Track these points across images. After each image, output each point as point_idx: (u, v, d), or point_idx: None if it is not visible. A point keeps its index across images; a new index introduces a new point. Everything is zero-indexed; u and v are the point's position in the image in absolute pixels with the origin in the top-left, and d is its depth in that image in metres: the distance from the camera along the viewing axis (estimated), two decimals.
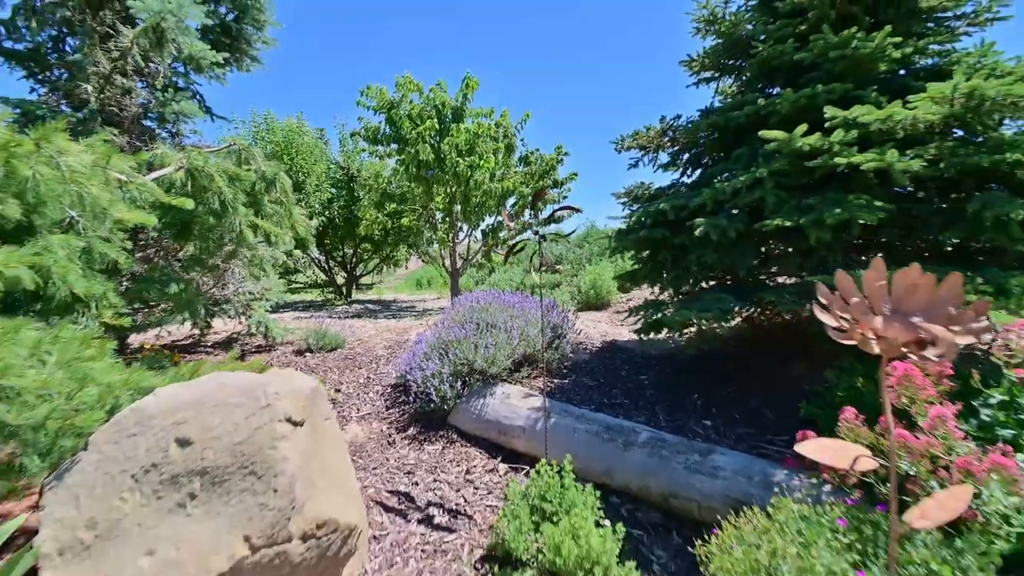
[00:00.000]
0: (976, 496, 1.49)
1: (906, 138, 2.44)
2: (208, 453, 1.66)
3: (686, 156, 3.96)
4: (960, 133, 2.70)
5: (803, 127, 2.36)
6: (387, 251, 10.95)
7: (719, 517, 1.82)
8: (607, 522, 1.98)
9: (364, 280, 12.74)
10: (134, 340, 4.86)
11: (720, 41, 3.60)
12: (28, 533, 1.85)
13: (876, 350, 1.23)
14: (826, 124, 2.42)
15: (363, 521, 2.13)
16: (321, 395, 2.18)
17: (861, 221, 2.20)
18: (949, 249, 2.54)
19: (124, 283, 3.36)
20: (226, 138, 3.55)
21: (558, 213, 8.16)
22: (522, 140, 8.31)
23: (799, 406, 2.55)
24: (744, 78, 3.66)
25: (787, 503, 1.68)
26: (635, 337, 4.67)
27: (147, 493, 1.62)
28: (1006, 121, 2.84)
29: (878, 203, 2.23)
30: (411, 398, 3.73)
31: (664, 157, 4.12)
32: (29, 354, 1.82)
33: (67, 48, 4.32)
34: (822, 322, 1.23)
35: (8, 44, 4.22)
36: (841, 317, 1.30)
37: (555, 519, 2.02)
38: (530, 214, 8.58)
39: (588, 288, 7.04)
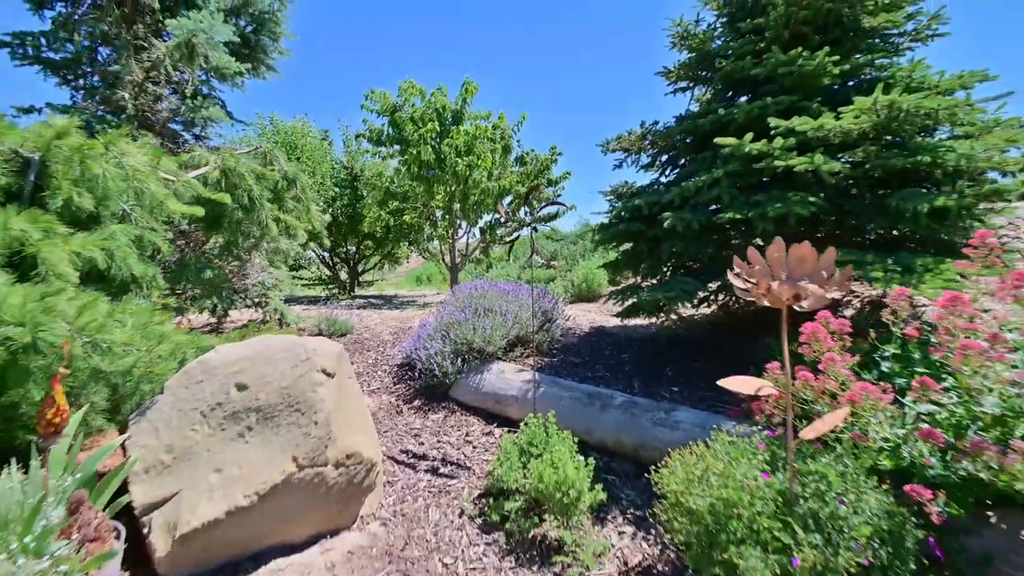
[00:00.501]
0: (860, 420, 1.92)
1: (841, 143, 2.87)
2: (261, 395, 2.08)
3: (664, 157, 4.39)
4: (896, 138, 3.14)
5: (750, 135, 2.79)
6: (389, 248, 11.36)
7: None
8: (581, 458, 2.40)
9: (366, 277, 13.14)
10: None
11: (692, 55, 4.04)
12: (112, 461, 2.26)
13: (766, 302, 1.67)
14: (771, 132, 2.85)
15: (380, 462, 2.55)
16: (345, 358, 2.60)
17: (797, 213, 2.63)
18: (873, 237, 2.97)
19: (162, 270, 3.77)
20: (251, 140, 3.94)
21: (547, 210, 8.54)
22: (518, 141, 8.73)
23: (750, 371, 2.97)
24: (714, 88, 4.10)
25: (722, 436, 2.11)
26: (620, 323, 5.11)
27: (213, 426, 2.04)
28: (944, 127, 3.29)
29: (811, 199, 2.67)
30: (416, 374, 4.15)
31: (645, 159, 4.54)
32: (106, 319, 2.24)
33: (99, 58, 4.73)
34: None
35: (47, 54, 4.63)
36: (748, 280, 1.74)
37: (539, 457, 2.44)
38: (525, 211, 9.00)
39: (580, 281, 7.46)
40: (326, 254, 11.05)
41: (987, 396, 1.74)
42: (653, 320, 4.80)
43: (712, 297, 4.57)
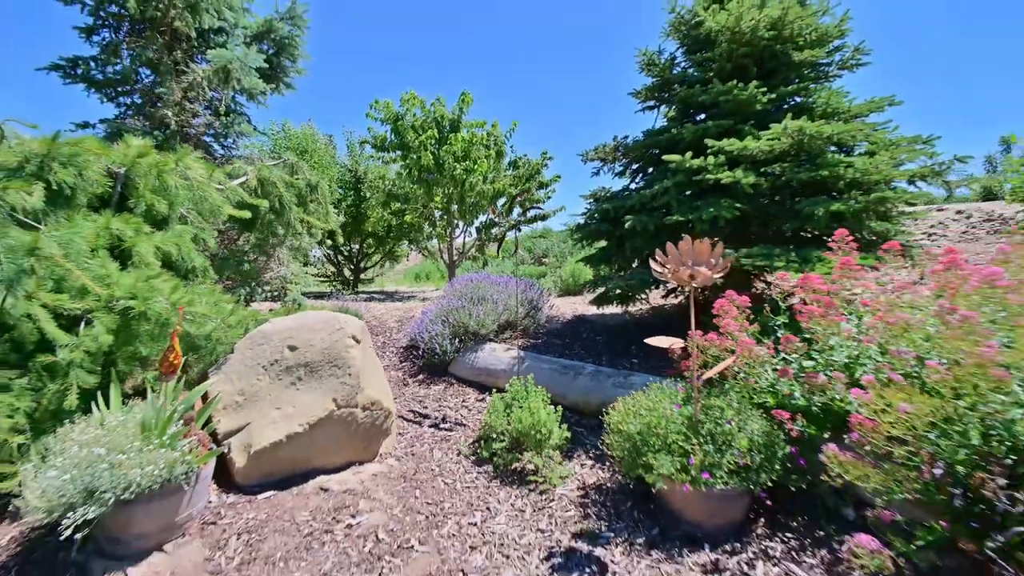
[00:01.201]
0: (754, 370, 2.59)
1: (765, 159, 3.56)
2: (307, 354, 2.75)
3: (634, 166, 5.07)
4: (809, 155, 3.82)
5: (690, 154, 3.48)
6: (390, 246, 12.01)
7: None
8: (552, 407, 3.08)
9: (367, 274, 13.78)
10: None
11: (656, 80, 4.72)
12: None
13: (672, 281, 2.36)
14: (708, 151, 3.53)
15: (393, 413, 3.23)
16: (367, 331, 3.27)
17: (725, 216, 3.32)
18: (790, 235, 3.64)
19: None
20: (277, 152, 4.59)
21: (537, 211, 9.23)
22: (511, 147, 9.40)
23: None
24: (675, 109, 4.78)
25: (655, 386, 2.79)
26: (598, 311, 5.79)
27: (272, 376, 2.71)
28: (861, 143, 3.97)
29: (737, 205, 3.35)
30: (420, 354, 4.83)
31: (618, 167, 5.22)
32: (191, 296, 2.90)
33: (140, 78, 5.37)
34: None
35: (95, 75, 5.27)
36: (664, 266, 2.43)
37: (520, 407, 3.12)
38: (517, 212, 9.68)
39: (567, 276, 8.14)
40: (331, 252, 11.69)
41: (839, 350, 2.42)
42: (627, 308, 5.49)
43: (678, 289, 5.25)
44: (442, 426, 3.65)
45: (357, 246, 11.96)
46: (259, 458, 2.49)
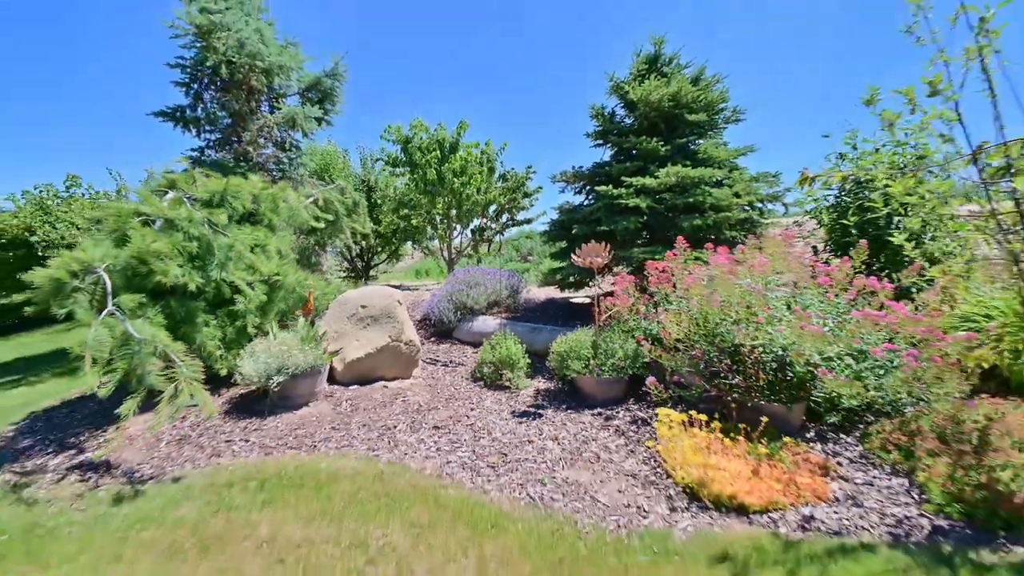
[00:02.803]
0: (630, 315, 4.49)
1: (658, 190, 5.46)
2: (371, 311, 4.63)
3: (586, 188, 6.97)
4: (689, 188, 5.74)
5: (611, 185, 5.38)
6: (396, 246, 13.84)
7: None
8: (521, 346, 4.96)
9: (374, 271, 15.60)
10: None
11: (601, 128, 6.62)
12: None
13: (582, 266, 4.28)
14: (623, 183, 5.43)
15: (420, 350, 5.09)
16: (402, 299, 5.14)
17: (632, 227, 5.23)
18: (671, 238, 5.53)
19: None
20: (320, 174, 6.44)
21: (524, 215, 11.16)
22: (501, 162, 11.25)
23: None
24: (614, 149, 6.68)
25: (581, 330, 4.69)
26: (563, 296, 7.69)
27: (352, 323, 4.59)
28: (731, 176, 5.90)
29: (640, 220, 5.26)
30: (431, 324, 6.69)
31: (577, 187, 7.12)
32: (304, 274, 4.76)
33: (220, 119, 7.18)
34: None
35: (188, 114, 7.08)
36: (578, 257, 4.34)
37: (502, 344, 5.00)
38: (506, 217, 11.55)
39: (545, 270, 10.03)
40: (345, 249, 13.49)
41: (664, 302, 4.32)
42: (585, 293, 7.40)
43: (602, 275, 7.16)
44: (450, 365, 5.53)
45: (367, 245, 13.77)
46: (349, 366, 4.36)
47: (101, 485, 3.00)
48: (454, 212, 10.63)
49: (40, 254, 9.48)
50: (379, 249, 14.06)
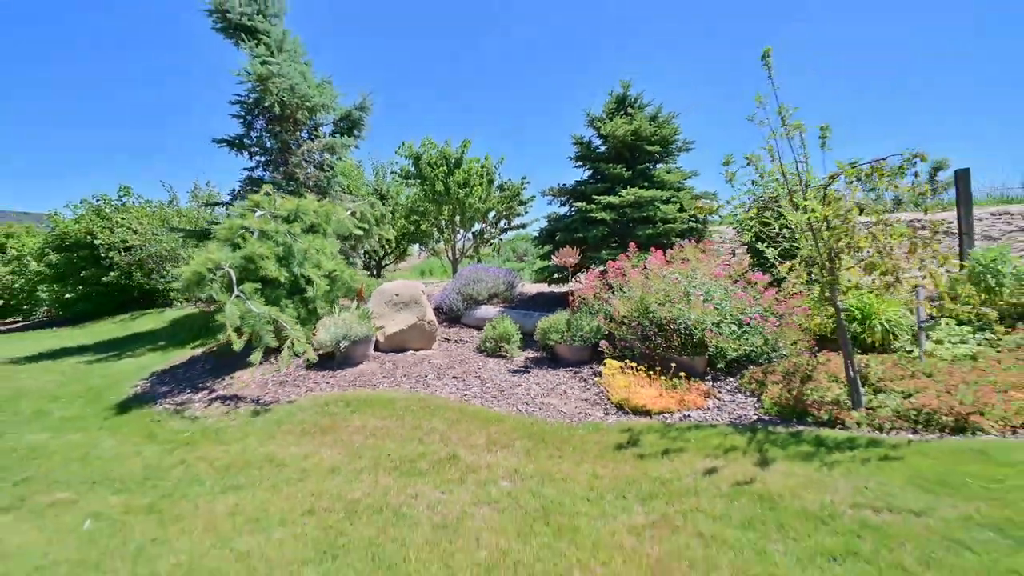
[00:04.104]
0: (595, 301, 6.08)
1: (620, 206, 7.06)
2: (403, 298, 6.21)
3: (569, 202, 8.56)
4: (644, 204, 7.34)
5: (584, 202, 6.97)
6: (403, 248, 15.40)
7: None
8: (515, 326, 6.54)
9: (383, 271, 17.16)
10: None
11: (580, 152, 8.21)
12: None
13: (561, 264, 5.90)
14: (595, 201, 7.03)
15: (439, 329, 6.67)
16: (425, 290, 6.72)
17: (600, 235, 6.82)
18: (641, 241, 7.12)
19: None
20: (353, 190, 8.03)
21: (519, 221, 13.01)
22: (499, 174, 12.83)
23: None
24: (591, 170, 8.27)
25: (560, 313, 6.27)
26: (551, 289, 9.30)
27: (389, 307, 6.17)
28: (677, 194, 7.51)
29: (606, 230, 6.86)
30: (443, 312, 8.26)
31: (560, 201, 8.71)
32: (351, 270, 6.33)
33: (268, 144, 8.73)
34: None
35: (243, 141, 8.63)
36: (558, 257, 5.96)
37: (500, 324, 6.58)
38: (504, 222, 13.13)
39: (537, 269, 11.60)
40: (363, 252, 15.03)
41: (618, 292, 5.91)
42: (567, 286, 9.01)
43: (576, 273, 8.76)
44: (460, 342, 7.11)
45: (380, 246, 15.32)
46: (388, 338, 5.95)
47: (239, 407, 4.58)
48: (458, 218, 12.21)
49: (103, 255, 11.01)
50: (389, 250, 15.62)
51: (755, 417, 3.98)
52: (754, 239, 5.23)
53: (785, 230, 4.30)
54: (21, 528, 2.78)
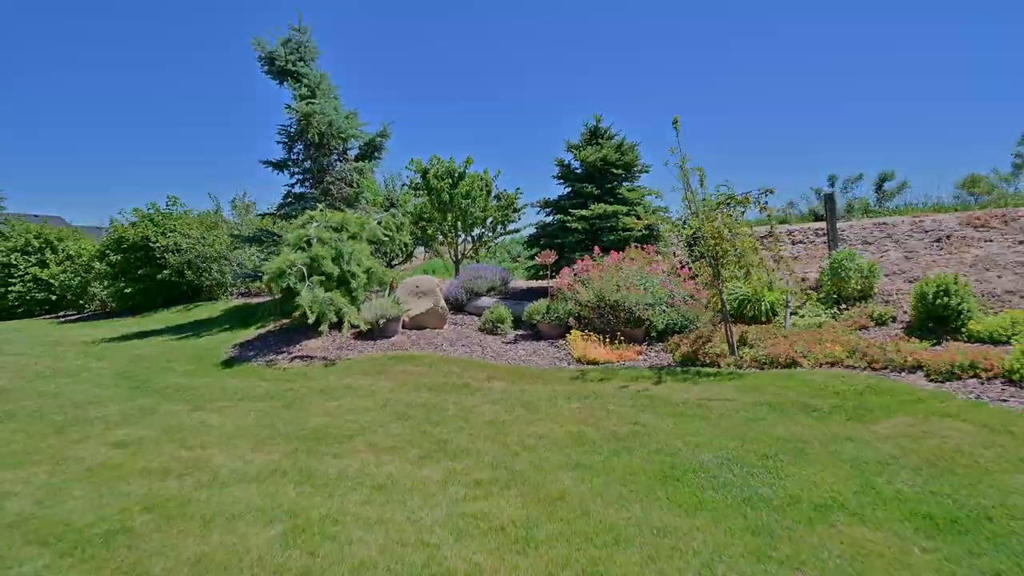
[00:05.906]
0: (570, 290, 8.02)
1: (591, 217, 9.01)
2: (423, 288, 8.16)
3: (553, 212, 10.52)
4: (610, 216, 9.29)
5: (563, 215, 8.92)
6: (410, 249, 17.32)
7: None
8: (509, 312, 8.47)
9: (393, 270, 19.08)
10: None
11: (561, 171, 10.17)
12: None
13: (541, 263, 7.87)
14: (571, 213, 8.98)
15: (449, 314, 8.61)
16: (439, 284, 8.65)
17: (575, 240, 8.77)
18: (606, 246, 9.06)
19: None
20: (369, 202, 9.98)
21: (513, 226, 15.18)
22: (496, 185, 14.77)
23: None
24: (572, 187, 10.22)
25: (542, 301, 8.21)
26: (539, 283, 11.26)
27: (412, 295, 8.11)
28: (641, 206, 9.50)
29: (580, 236, 8.82)
30: (449, 302, 10.18)
31: (547, 211, 10.66)
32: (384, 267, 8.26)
33: (307, 165, 10.65)
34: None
35: (286, 162, 10.55)
36: (540, 258, 7.94)
37: (496, 310, 8.52)
38: (500, 228, 15.08)
39: (528, 267, 13.55)
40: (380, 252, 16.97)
41: (586, 283, 7.84)
42: (550, 282, 10.97)
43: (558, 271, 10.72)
44: (464, 325, 9.04)
45: (392, 248, 17.22)
46: (412, 320, 7.90)
47: (314, 362, 6.49)
48: (460, 224, 14.16)
49: (158, 256, 12.86)
50: (399, 252, 17.53)
51: (667, 364, 5.93)
52: (687, 243, 7.18)
53: (700, 239, 6.27)
54: (211, 418, 4.68)
